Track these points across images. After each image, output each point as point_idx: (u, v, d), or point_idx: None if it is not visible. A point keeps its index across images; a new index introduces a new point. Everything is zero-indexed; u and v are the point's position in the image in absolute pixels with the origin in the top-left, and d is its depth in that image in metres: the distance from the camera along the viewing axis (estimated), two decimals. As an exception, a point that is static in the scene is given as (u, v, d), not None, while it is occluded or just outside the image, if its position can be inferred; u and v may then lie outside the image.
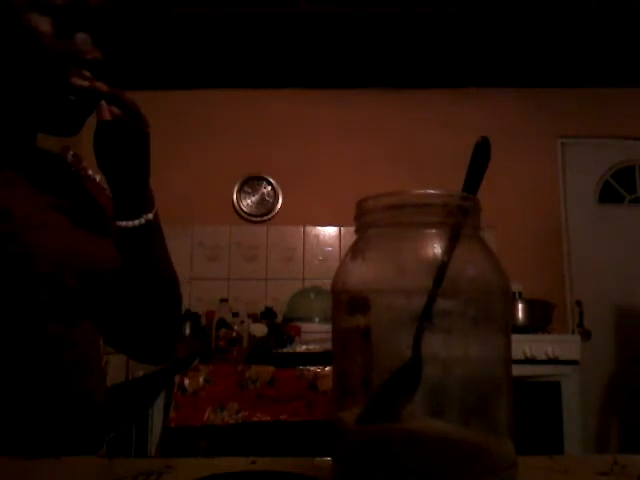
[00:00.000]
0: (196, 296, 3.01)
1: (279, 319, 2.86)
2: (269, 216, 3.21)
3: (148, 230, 0.73)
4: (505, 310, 0.42)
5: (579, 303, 3.05)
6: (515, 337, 2.30)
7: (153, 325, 0.78)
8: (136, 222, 0.72)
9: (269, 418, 2.15)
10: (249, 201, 3.23)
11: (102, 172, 0.72)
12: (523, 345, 2.50)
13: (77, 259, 0.68)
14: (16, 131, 0.71)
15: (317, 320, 2.68)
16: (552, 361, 2.52)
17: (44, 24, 0.62)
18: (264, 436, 2.17)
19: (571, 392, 2.52)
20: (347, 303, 0.43)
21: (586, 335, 2.95)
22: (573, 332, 3.00)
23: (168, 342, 0.83)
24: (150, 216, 0.73)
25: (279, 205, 3.21)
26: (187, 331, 2.78)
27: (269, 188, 3.23)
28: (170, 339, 0.83)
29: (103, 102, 0.66)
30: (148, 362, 0.87)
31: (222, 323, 2.51)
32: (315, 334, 2.48)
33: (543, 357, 2.52)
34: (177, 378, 2.17)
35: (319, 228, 3.19)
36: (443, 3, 2.41)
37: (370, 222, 0.44)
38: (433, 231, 0.41)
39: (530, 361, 2.50)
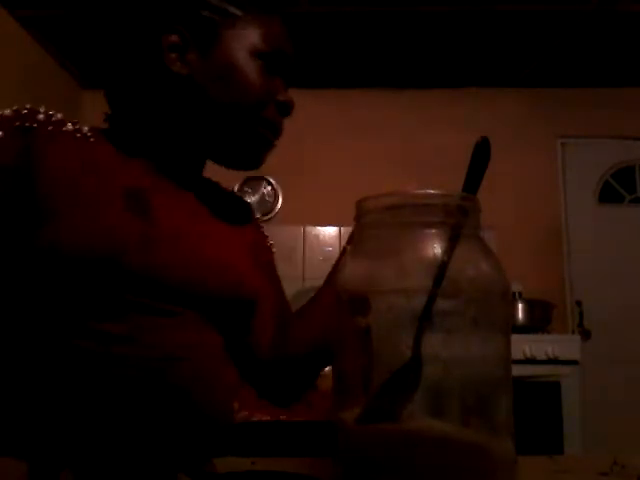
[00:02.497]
0: (196, 296, 3.00)
1: (279, 319, 2.85)
2: (269, 216, 3.20)
3: None
4: (505, 310, 0.42)
5: (579, 303, 3.05)
6: (515, 337, 2.30)
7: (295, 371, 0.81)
8: None
9: (269, 418, 2.15)
10: (249, 201, 3.22)
11: None
12: (523, 345, 2.50)
13: (201, 279, 0.67)
14: (192, 158, 0.76)
15: (317, 320, 2.67)
16: (552, 361, 2.52)
17: (255, 66, 0.68)
18: (264, 436, 2.17)
19: (571, 392, 2.52)
20: (347, 303, 0.43)
21: (586, 335, 2.95)
22: (573, 332, 2.99)
23: (303, 387, 0.85)
24: None
25: (279, 205, 3.21)
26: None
27: (269, 188, 3.23)
28: (306, 385, 0.85)
29: None
30: (275, 404, 0.87)
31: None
32: (315, 334, 2.47)
33: (543, 357, 2.51)
34: (177, 378, 2.16)
35: (319, 228, 3.18)
36: (443, 3, 2.41)
37: (370, 222, 0.44)
38: (433, 231, 0.41)
39: (530, 361, 2.49)
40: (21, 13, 2.47)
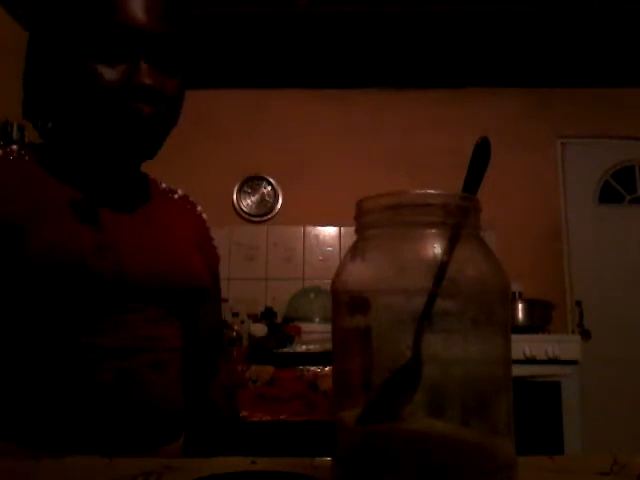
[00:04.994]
0: (196, 296, 3.00)
1: (279, 319, 2.86)
2: (269, 216, 3.20)
3: None
4: (505, 310, 0.42)
5: (579, 303, 3.05)
6: (515, 337, 2.30)
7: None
8: None
9: (269, 418, 2.15)
10: (249, 201, 3.22)
11: None
12: (523, 345, 2.50)
13: (163, 275, 0.73)
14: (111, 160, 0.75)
15: (317, 320, 2.67)
16: (552, 361, 2.52)
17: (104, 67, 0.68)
18: (264, 436, 2.17)
19: (571, 392, 2.52)
20: (347, 303, 0.43)
21: (586, 335, 2.95)
22: (573, 332, 3.00)
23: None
24: None
25: (279, 205, 3.21)
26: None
27: (269, 188, 3.23)
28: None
29: None
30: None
31: (222, 323, 2.51)
32: (315, 334, 2.48)
33: (543, 357, 2.51)
34: (177, 378, 2.16)
35: (319, 228, 3.18)
36: (443, 3, 2.41)
37: (370, 222, 0.44)
38: (433, 231, 0.41)
39: (530, 361, 2.49)
40: (21, 13, 2.47)
